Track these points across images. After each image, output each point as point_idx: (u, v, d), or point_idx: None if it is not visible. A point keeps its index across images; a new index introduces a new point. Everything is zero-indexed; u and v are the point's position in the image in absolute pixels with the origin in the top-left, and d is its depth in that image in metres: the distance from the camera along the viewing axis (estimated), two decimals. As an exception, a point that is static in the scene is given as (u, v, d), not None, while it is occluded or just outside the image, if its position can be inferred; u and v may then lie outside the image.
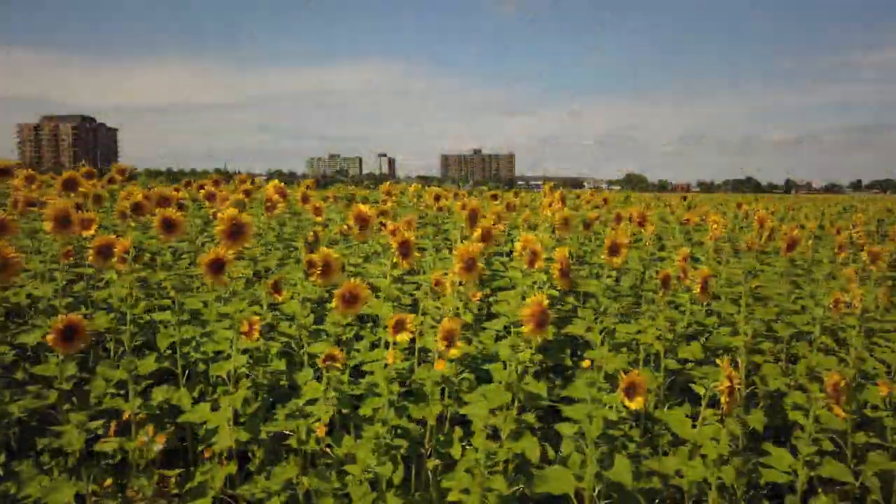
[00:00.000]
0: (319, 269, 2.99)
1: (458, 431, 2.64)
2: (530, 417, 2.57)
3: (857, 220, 6.30)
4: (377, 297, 3.19)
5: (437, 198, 5.84)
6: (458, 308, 2.85)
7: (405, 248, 2.93)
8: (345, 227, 3.36)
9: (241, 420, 2.58)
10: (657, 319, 2.71)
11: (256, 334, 2.55)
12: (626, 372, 2.24)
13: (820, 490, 2.65)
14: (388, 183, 6.12)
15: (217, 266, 2.91)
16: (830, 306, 2.70)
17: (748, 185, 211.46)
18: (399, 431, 2.51)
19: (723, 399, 2.26)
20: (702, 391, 2.34)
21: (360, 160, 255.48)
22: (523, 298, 2.86)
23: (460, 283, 2.94)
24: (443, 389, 2.76)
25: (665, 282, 2.93)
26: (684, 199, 7.36)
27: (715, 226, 4.47)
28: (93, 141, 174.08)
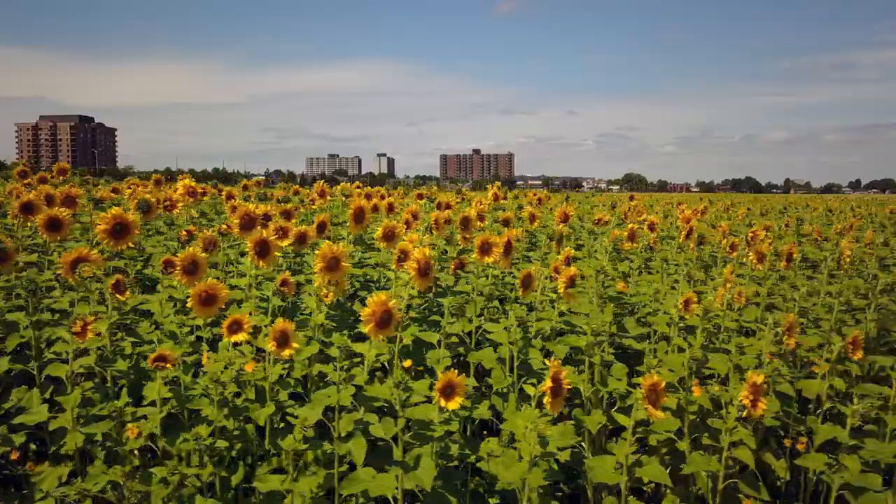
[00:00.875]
0: (179, 268, 2.97)
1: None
2: (373, 418, 2.54)
3: (787, 220, 6.28)
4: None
5: (369, 197, 5.81)
6: (313, 308, 2.82)
7: (262, 249, 2.91)
8: (223, 226, 3.33)
9: (81, 422, 2.56)
10: (509, 319, 2.68)
11: (90, 335, 2.53)
12: (446, 370, 2.22)
13: (668, 491, 2.63)
14: (321, 182, 6.10)
15: (78, 264, 2.90)
16: (680, 306, 2.69)
17: (747, 185, 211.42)
18: (236, 432, 2.49)
19: (545, 400, 2.24)
20: (532, 391, 2.32)
21: (360, 160, 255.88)
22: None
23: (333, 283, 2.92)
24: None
25: (525, 281, 2.91)
26: (631, 198, 7.36)
27: (634, 226, 4.45)
28: (91, 141, 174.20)
